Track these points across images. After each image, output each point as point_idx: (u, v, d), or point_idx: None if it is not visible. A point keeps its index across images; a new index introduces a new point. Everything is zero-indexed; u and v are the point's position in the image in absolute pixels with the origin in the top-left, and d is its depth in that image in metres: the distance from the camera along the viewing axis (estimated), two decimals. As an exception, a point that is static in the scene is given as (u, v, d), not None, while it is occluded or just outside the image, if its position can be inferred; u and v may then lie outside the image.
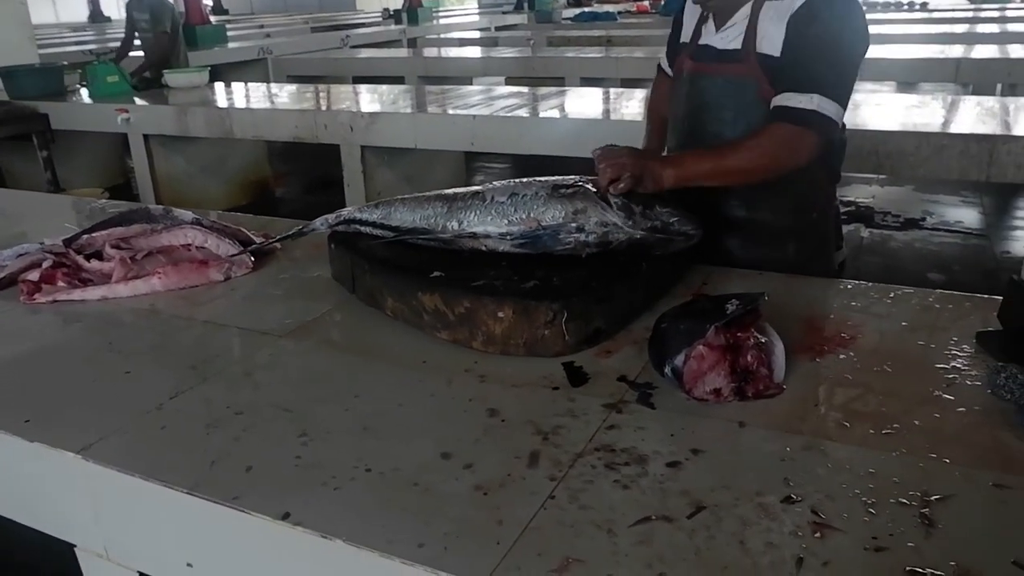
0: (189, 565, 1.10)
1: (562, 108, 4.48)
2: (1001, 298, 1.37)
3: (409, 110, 4.66)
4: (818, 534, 0.90)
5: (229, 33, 10.57)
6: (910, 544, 0.88)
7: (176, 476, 1.06)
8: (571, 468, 1.04)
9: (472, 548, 0.90)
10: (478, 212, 1.51)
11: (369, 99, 5.13)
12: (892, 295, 1.56)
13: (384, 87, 5.86)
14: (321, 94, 5.49)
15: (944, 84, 7.38)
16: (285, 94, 5.76)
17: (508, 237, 1.48)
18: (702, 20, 1.73)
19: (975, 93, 6.08)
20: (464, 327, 1.35)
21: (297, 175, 6.95)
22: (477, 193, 1.55)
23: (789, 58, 1.54)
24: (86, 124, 5.50)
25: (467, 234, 1.50)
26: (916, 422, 1.12)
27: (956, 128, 3.22)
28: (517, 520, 0.94)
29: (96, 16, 20.60)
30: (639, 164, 1.48)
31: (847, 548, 0.88)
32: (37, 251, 1.85)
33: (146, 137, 5.16)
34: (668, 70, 1.92)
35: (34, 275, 1.73)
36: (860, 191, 5.82)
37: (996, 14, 11.63)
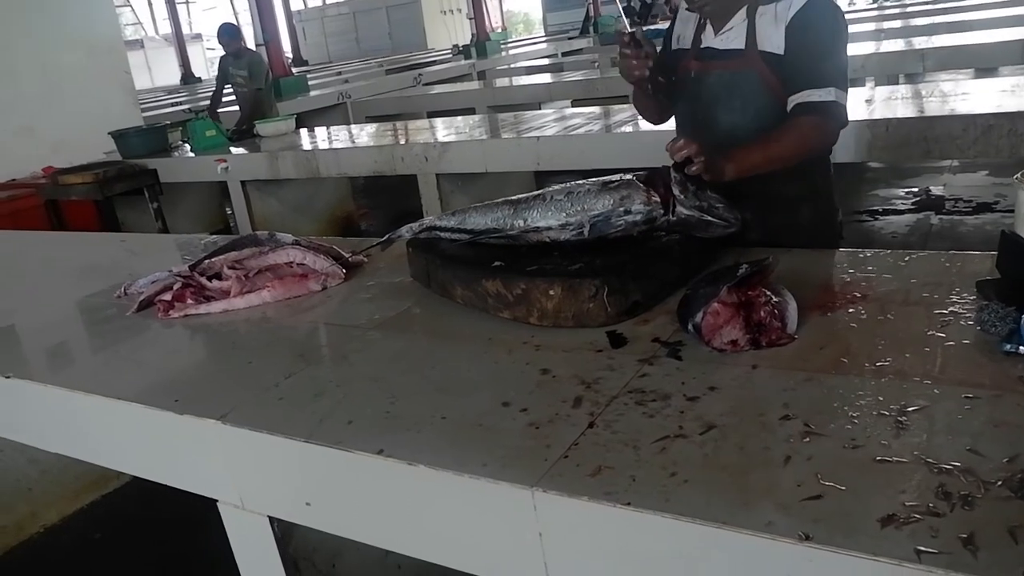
0: (308, 504, 1.38)
1: (622, 123, 4.71)
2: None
3: (478, 137, 4.97)
4: (807, 439, 1.10)
5: (310, 82, 11.26)
6: (883, 442, 1.07)
7: (294, 430, 1.34)
8: (607, 406, 1.27)
9: (525, 464, 1.14)
10: (539, 210, 1.75)
11: (441, 130, 5.47)
12: (906, 258, 1.72)
13: (458, 119, 6.21)
14: (397, 130, 5.88)
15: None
16: (363, 133, 6.19)
17: (568, 227, 1.72)
18: (700, 28, 1.94)
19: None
20: (521, 306, 1.60)
21: (379, 209, 7.38)
22: (538, 195, 1.80)
23: (795, 58, 1.76)
24: (190, 176, 6.05)
25: (531, 228, 1.74)
26: (907, 355, 1.30)
27: (1005, 108, 3.28)
28: (561, 444, 1.18)
29: (187, 78, 22.08)
30: (707, 155, 1.69)
31: (829, 447, 1.08)
32: (166, 276, 2.20)
33: (243, 183, 5.65)
34: None
35: (167, 296, 2.08)
36: (931, 180, 5.80)
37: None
